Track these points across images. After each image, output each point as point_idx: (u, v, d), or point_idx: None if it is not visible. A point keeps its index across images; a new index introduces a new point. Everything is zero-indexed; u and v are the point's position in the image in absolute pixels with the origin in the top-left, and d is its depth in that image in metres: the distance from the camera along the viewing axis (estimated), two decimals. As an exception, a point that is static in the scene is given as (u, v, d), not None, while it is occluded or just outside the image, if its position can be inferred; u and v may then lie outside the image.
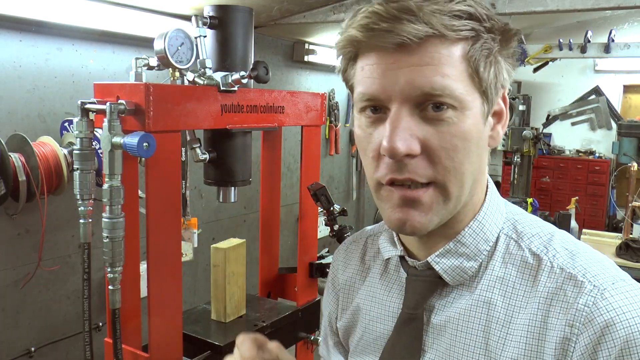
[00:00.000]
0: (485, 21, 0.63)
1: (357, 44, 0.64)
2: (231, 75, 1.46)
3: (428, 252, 0.71)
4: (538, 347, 0.63)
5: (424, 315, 0.71)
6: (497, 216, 0.71)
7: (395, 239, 0.75)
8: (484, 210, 0.70)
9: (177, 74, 1.49)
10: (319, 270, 1.82)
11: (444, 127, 0.61)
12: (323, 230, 2.96)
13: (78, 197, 1.36)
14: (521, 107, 4.95)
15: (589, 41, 3.46)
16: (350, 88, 0.69)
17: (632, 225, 3.46)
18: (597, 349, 0.59)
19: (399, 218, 0.64)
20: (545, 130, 5.68)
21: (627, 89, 5.80)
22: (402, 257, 0.75)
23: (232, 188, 1.64)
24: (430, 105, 0.61)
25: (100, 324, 2.08)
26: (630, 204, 3.45)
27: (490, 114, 0.67)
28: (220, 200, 1.66)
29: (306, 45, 3.46)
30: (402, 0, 0.60)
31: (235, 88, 1.49)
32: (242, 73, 1.44)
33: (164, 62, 1.45)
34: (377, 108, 0.63)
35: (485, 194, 0.72)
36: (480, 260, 0.69)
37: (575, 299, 0.61)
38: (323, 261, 1.84)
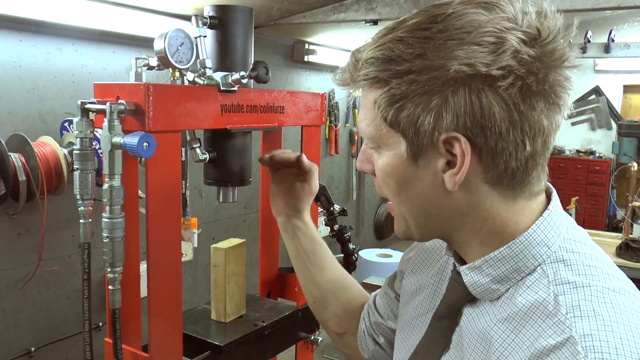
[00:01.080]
0: (403, 62, 0.59)
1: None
2: (231, 75, 1.46)
3: (464, 261, 0.72)
4: None
5: (456, 316, 0.73)
6: (541, 248, 0.64)
7: None
8: (525, 237, 0.65)
9: (177, 74, 1.49)
10: (319, 270, 1.82)
11: (376, 161, 0.71)
12: (323, 230, 2.96)
13: (78, 197, 1.36)
14: (521, 107, 4.95)
15: (589, 41, 3.46)
16: None
17: (632, 225, 3.46)
18: None
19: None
20: (545, 130, 5.68)
21: (627, 89, 5.80)
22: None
23: (232, 188, 1.64)
24: None
25: (100, 324, 2.08)
26: (630, 204, 3.46)
27: (430, 156, 0.63)
28: (220, 200, 1.66)
29: (306, 45, 3.45)
30: (357, 49, 0.67)
31: (235, 88, 1.49)
32: (242, 73, 1.44)
33: (164, 62, 1.45)
34: None
35: (539, 218, 0.66)
36: (509, 286, 0.65)
37: (553, 347, 0.55)
38: (323, 261, 1.84)
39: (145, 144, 1.22)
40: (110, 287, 1.34)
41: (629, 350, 0.53)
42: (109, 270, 1.33)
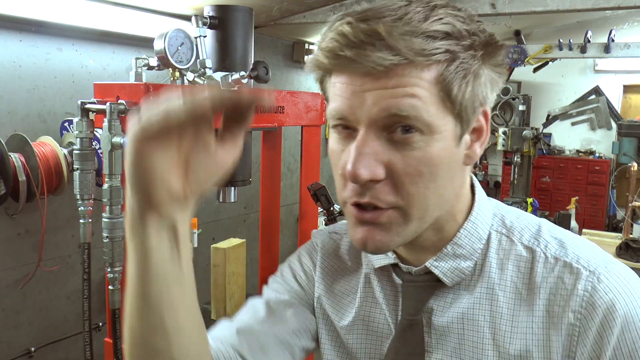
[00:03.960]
0: (465, 38, 0.60)
1: (324, 68, 0.63)
2: (231, 75, 1.46)
3: (419, 256, 0.71)
4: (545, 335, 0.65)
5: (423, 318, 0.72)
6: (487, 214, 0.72)
7: None
8: (476, 211, 0.71)
9: (177, 74, 1.49)
10: (319, 270, 1.82)
11: (411, 152, 0.60)
12: (323, 230, 2.95)
13: (78, 197, 1.36)
14: (521, 107, 4.96)
15: (589, 41, 3.46)
16: (326, 99, 0.68)
17: (632, 225, 3.46)
18: (602, 330, 0.62)
19: (360, 237, 0.64)
20: (545, 130, 5.68)
21: (627, 89, 5.80)
22: (394, 265, 0.74)
23: (232, 188, 1.64)
24: (398, 127, 0.60)
25: (100, 324, 2.08)
26: (630, 204, 3.46)
27: (468, 132, 0.65)
28: (220, 200, 1.66)
29: (306, 45, 3.46)
30: (373, 21, 0.58)
31: (235, 88, 1.49)
32: (242, 73, 1.44)
33: (164, 62, 1.45)
34: (347, 126, 0.63)
35: (473, 195, 0.73)
36: (475, 259, 0.70)
37: (574, 286, 0.64)
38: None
39: (145, 144, 1.22)
40: (110, 287, 1.35)
41: (598, 253, 0.68)
42: (109, 270, 1.33)
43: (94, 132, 1.36)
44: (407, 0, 0.61)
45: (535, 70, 4.18)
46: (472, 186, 0.73)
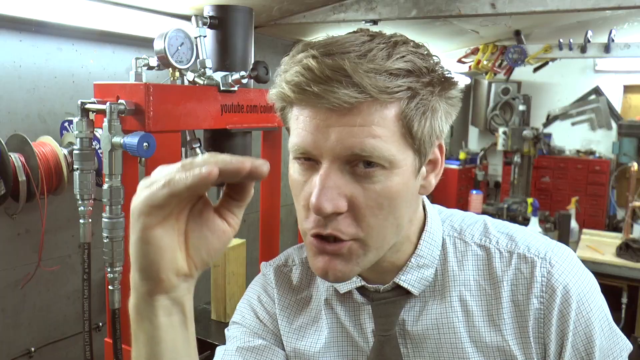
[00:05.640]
0: (425, 75, 0.63)
1: (289, 101, 0.64)
2: (231, 75, 1.46)
3: (381, 275, 0.75)
4: (515, 324, 0.71)
5: (396, 332, 0.75)
6: (438, 223, 0.77)
7: None
8: (429, 224, 0.76)
9: (177, 74, 1.49)
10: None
11: (372, 185, 0.62)
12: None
13: (78, 197, 1.36)
14: (521, 107, 4.95)
15: (589, 41, 3.46)
16: (287, 130, 0.70)
17: (632, 225, 3.46)
18: (563, 309, 0.69)
19: (322, 267, 0.66)
20: (545, 130, 5.68)
21: (627, 89, 5.80)
22: (360, 287, 0.77)
23: (232, 188, 1.64)
24: (360, 162, 0.62)
25: (100, 324, 2.08)
26: (630, 204, 3.45)
27: (424, 165, 0.68)
28: (220, 200, 1.66)
29: (306, 45, 3.46)
30: (338, 56, 0.59)
31: (235, 88, 1.49)
32: (242, 73, 1.44)
33: (164, 62, 1.45)
34: (309, 158, 0.64)
35: (424, 209, 0.77)
36: (435, 266, 0.75)
37: (532, 274, 0.71)
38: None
39: (145, 144, 1.22)
40: (110, 287, 1.35)
41: (541, 239, 0.75)
42: (109, 270, 1.33)
43: (94, 132, 1.36)
44: (369, 35, 0.63)
45: (535, 70, 4.18)
46: (423, 203, 0.78)
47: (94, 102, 1.32)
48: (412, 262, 0.73)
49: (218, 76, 1.46)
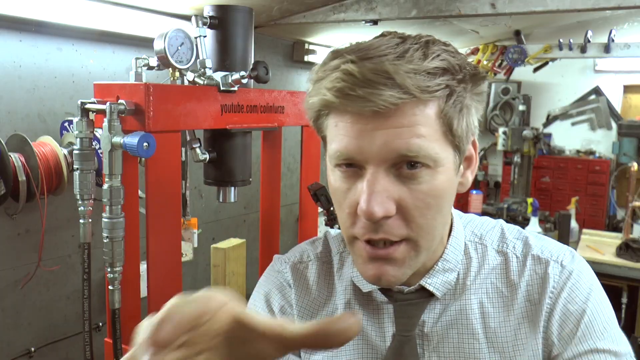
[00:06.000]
0: (458, 72, 0.64)
1: (333, 107, 0.64)
2: (231, 75, 1.46)
3: (409, 277, 0.74)
4: (529, 323, 0.72)
5: (416, 333, 0.76)
6: (461, 229, 0.79)
7: None
8: (455, 227, 0.78)
9: (177, 74, 1.49)
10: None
11: (418, 186, 0.63)
12: (323, 230, 2.95)
13: (78, 197, 1.36)
14: (521, 107, 4.95)
15: (589, 41, 3.46)
16: (323, 138, 0.70)
17: (632, 225, 3.46)
18: (567, 302, 0.72)
19: (374, 274, 0.67)
20: (545, 130, 5.68)
21: (627, 89, 5.80)
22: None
23: (232, 188, 1.64)
24: (405, 164, 0.62)
25: (100, 324, 2.08)
26: (630, 204, 3.45)
27: (462, 162, 0.70)
28: (220, 200, 1.66)
29: (306, 45, 3.45)
30: (377, 59, 0.59)
31: (235, 88, 1.49)
32: (242, 73, 1.44)
33: (164, 62, 1.45)
34: (351, 164, 0.64)
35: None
36: (458, 270, 0.76)
37: (545, 272, 0.74)
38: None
39: (145, 144, 1.22)
40: (110, 287, 1.35)
41: (554, 243, 0.78)
42: (109, 270, 1.33)
43: (94, 132, 1.36)
44: (399, 37, 0.64)
45: (535, 70, 4.18)
46: None
47: (94, 102, 1.32)
48: (438, 265, 0.75)
49: (218, 76, 1.46)
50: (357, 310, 0.78)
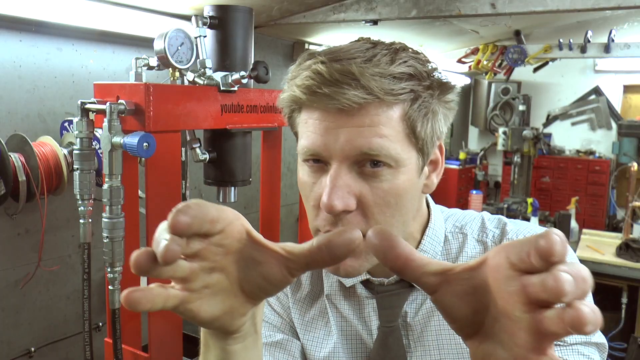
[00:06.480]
0: (425, 79, 0.67)
1: (301, 103, 0.68)
2: (231, 75, 1.46)
3: (385, 269, 0.77)
4: None
5: (399, 324, 0.78)
6: (441, 221, 0.82)
7: None
8: (432, 220, 0.80)
9: (177, 74, 1.49)
10: (319, 270, 1.82)
11: (379, 184, 0.66)
12: (323, 230, 2.95)
13: (78, 197, 1.36)
14: (521, 107, 4.96)
15: (589, 41, 3.46)
16: (295, 134, 0.74)
17: (632, 225, 3.46)
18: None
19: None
20: (545, 130, 5.68)
21: (627, 89, 5.80)
22: (364, 280, 0.80)
23: (232, 188, 1.64)
24: (368, 162, 0.65)
25: (100, 324, 2.08)
26: (630, 204, 3.46)
27: (427, 164, 0.72)
28: (220, 200, 1.66)
29: (306, 46, 3.46)
30: (345, 61, 0.63)
31: (235, 88, 1.49)
32: (242, 73, 1.44)
33: (164, 62, 1.45)
34: (318, 159, 0.68)
35: (428, 207, 0.82)
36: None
37: None
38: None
39: (145, 144, 1.22)
40: (110, 287, 1.35)
41: (533, 227, 0.80)
42: (109, 270, 1.33)
43: (94, 132, 1.36)
44: (371, 43, 0.68)
45: (535, 70, 4.18)
46: (427, 202, 0.82)
47: (94, 102, 1.32)
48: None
49: (218, 76, 1.46)
50: (342, 303, 0.82)
